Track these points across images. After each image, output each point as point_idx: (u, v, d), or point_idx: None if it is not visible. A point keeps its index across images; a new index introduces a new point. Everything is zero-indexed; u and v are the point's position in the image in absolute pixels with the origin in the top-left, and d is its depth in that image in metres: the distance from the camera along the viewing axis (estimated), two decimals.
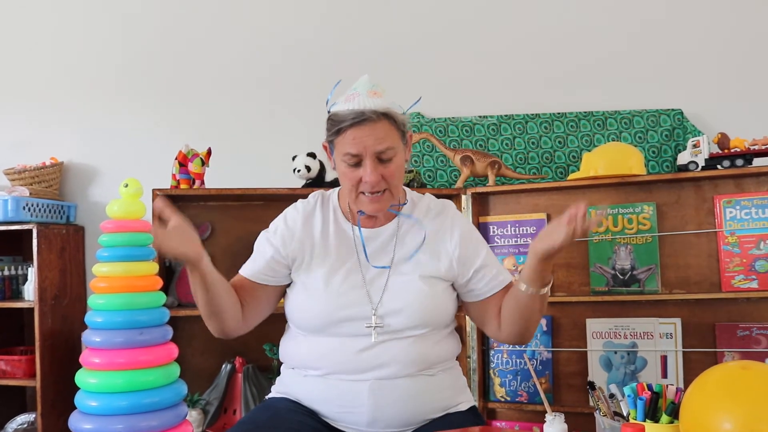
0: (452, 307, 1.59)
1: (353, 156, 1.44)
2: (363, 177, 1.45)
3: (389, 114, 1.46)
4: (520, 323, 1.52)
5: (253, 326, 1.60)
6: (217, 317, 1.49)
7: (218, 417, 2.47)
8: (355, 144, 1.43)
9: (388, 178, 1.47)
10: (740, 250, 2.28)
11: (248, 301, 1.55)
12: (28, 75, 3.08)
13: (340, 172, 1.51)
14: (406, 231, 1.57)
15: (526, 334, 1.56)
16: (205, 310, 1.49)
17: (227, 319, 1.50)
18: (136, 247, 1.21)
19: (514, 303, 1.51)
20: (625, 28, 2.78)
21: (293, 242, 1.55)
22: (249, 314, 1.56)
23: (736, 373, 0.98)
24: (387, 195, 1.49)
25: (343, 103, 1.45)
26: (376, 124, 1.43)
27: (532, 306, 1.48)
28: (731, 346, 2.28)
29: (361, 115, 1.41)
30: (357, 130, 1.42)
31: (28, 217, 2.61)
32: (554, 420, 1.15)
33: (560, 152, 2.74)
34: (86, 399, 1.14)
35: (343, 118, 1.43)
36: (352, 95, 1.44)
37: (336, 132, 1.46)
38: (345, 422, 1.47)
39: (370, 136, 1.43)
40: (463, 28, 2.89)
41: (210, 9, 3.02)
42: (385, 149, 1.44)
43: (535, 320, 1.53)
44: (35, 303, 2.56)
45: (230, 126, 2.96)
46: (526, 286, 1.45)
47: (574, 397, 2.47)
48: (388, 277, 1.51)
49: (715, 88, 2.69)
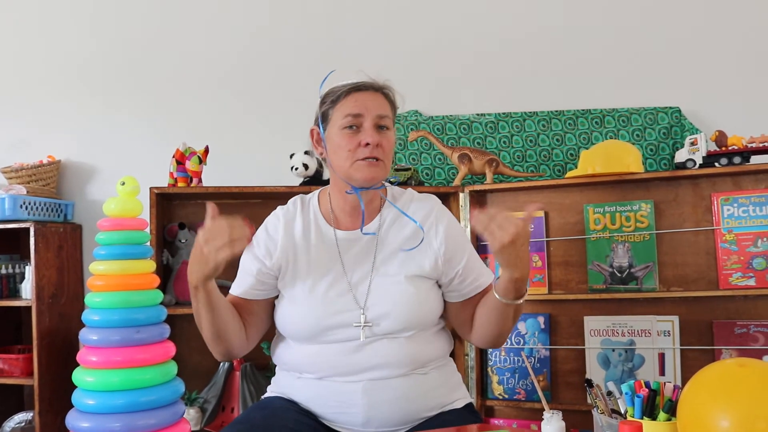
0: (438, 306, 1.56)
1: (355, 117, 1.45)
2: (363, 139, 1.44)
3: (386, 91, 1.52)
4: (493, 330, 1.51)
5: (256, 343, 1.58)
6: (223, 339, 1.47)
7: (216, 415, 2.47)
8: (357, 105, 1.45)
9: (384, 147, 1.47)
10: (738, 248, 2.29)
11: (246, 318, 1.53)
12: (25, 73, 3.07)
13: (335, 144, 1.47)
14: (387, 230, 1.54)
15: (499, 339, 1.54)
16: (211, 333, 1.46)
17: (233, 339, 1.49)
18: (133, 245, 1.20)
19: (488, 309, 1.49)
20: (622, 26, 2.78)
21: (277, 251, 1.52)
22: (250, 331, 1.54)
23: (733, 370, 0.98)
24: (382, 165, 1.47)
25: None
26: (376, 94, 1.49)
27: (506, 314, 1.46)
28: (729, 344, 2.28)
29: (361, 83, 1.47)
30: (359, 93, 1.47)
31: (26, 216, 2.60)
32: (552, 417, 1.14)
33: (558, 150, 2.74)
34: (83, 397, 1.14)
35: (343, 87, 1.48)
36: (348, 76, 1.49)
37: (335, 100, 1.47)
38: (340, 422, 1.47)
39: (372, 100, 1.47)
40: (461, 26, 2.89)
41: (207, 7, 3.01)
42: (384, 115, 1.48)
43: (508, 328, 1.51)
44: (33, 301, 2.56)
45: (228, 124, 2.95)
46: (500, 297, 1.43)
47: (572, 395, 2.47)
48: (371, 279, 1.49)
49: (713, 85, 2.69)
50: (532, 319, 2.51)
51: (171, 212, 2.71)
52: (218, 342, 1.48)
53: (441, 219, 1.55)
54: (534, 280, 2.51)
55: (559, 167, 2.73)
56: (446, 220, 1.56)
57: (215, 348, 1.51)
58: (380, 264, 1.50)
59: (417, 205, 1.57)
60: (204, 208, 2.78)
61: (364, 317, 1.45)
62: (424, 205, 1.57)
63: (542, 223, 2.52)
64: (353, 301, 1.47)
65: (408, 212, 1.55)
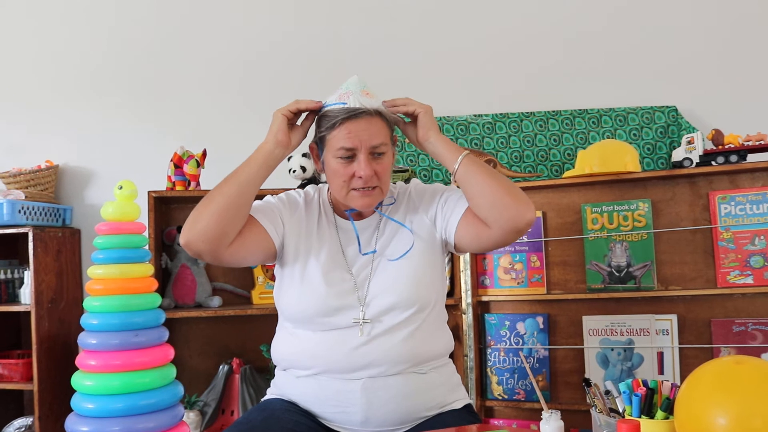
0: (438, 284, 1.57)
1: (348, 150, 1.45)
2: (357, 172, 1.46)
3: (382, 113, 1.49)
4: (483, 202, 1.44)
5: (229, 261, 1.50)
6: (231, 216, 1.43)
7: (216, 418, 2.47)
8: (351, 138, 1.44)
9: (380, 173, 1.48)
10: (735, 246, 2.29)
11: (241, 231, 1.49)
12: (22, 78, 3.07)
13: (331, 169, 1.50)
14: (386, 221, 1.58)
15: (504, 209, 1.42)
16: (226, 203, 1.44)
17: (233, 227, 1.45)
18: (132, 249, 1.21)
19: (465, 189, 1.48)
20: (618, 26, 2.78)
21: (294, 217, 1.58)
22: (235, 244, 1.47)
23: (730, 368, 0.99)
24: (377, 191, 1.50)
25: (335, 100, 1.48)
26: (371, 119, 1.46)
27: (474, 178, 1.44)
28: (727, 342, 2.28)
29: (356, 110, 1.44)
30: (352, 123, 1.45)
31: (24, 221, 2.60)
32: (550, 417, 1.15)
33: (555, 150, 2.74)
34: (82, 401, 1.14)
35: (338, 113, 1.46)
36: (345, 94, 1.47)
37: (330, 126, 1.47)
38: (339, 422, 1.48)
39: (366, 131, 1.45)
40: (458, 27, 2.90)
41: (205, 11, 3.02)
42: (379, 144, 1.47)
43: (493, 188, 1.43)
44: (32, 306, 2.56)
45: (225, 127, 2.95)
46: (450, 169, 1.47)
47: (571, 395, 2.48)
48: (372, 265, 1.52)
49: (709, 84, 2.69)
50: (531, 320, 2.52)
51: (169, 216, 2.71)
52: (220, 216, 1.42)
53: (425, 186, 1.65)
54: (533, 280, 2.52)
55: (557, 167, 2.73)
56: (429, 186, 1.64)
57: (217, 222, 1.43)
58: (381, 252, 1.54)
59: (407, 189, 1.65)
60: None
61: (363, 320, 1.46)
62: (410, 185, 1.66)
63: (540, 223, 2.53)
64: (353, 285, 1.50)
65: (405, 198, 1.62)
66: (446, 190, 1.59)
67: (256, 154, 1.52)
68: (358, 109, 1.44)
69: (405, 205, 1.60)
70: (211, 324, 2.69)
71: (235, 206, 1.45)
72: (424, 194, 1.61)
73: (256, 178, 1.49)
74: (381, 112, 1.48)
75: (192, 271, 2.61)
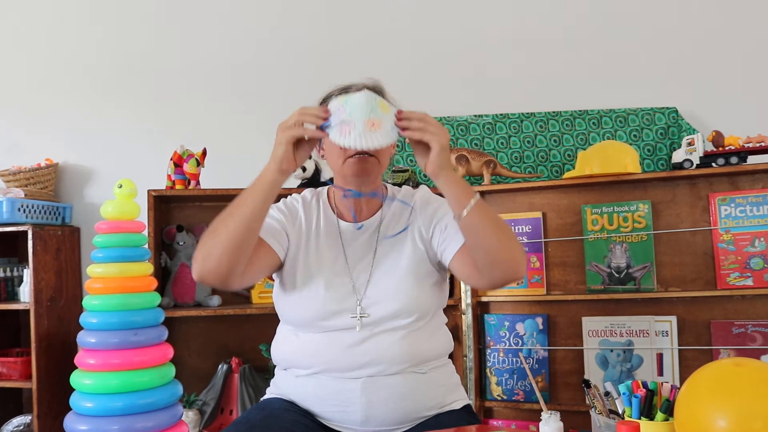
0: (438, 293, 1.57)
1: None
2: None
3: (378, 89, 1.50)
4: (481, 252, 1.41)
5: (239, 286, 1.48)
6: (241, 250, 1.40)
7: (215, 417, 2.46)
8: None
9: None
10: (735, 248, 2.29)
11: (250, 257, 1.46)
12: (22, 76, 3.07)
13: (329, 145, 1.48)
14: (387, 224, 1.57)
15: (498, 266, 1.40)
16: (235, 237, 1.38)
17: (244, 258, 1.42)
18: (131, 248, 1.21)
19: (467, 239, 1.42)
20: (619, 27, 2.78)
21: (295, 225, 1.57)
22: (245, 269, 1.45)
23: (730, 370, 0.99)
24: (373, 160, 1.48)
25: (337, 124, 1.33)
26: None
27: (477, 232, 1.38)
28: (727, 344, 2.28)
29: (349, 86, 1.47)
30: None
31: (24, 219, 2.60)
32: (550, 418, 1.15)
33: (555, 151, 2.74)
34: (81, 400, 1.14)
35: (335, 91, 1.49)
36: (348, 123, 1.32)
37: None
38: (338, 422, 1.48)
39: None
40: (458, 28, 2.90)
41: (205, 11, 3.01)
42: None
43: (494, 246, 1.38)
44: (31, 305, 2.56)
45: (225, 126, 2.95)
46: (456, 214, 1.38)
47: (570, 396, 2.48)
48: (371, 271, 1.51)
49: (710, 86, 2.69)
50: (531, 320, 2.52)
51: (169, 215, 2.71)
52: (232, 252, 1.39)
53: (432, 197, 1.61)
54: (532, 281, 2.52)
55: (557, 168, 2.73)
56: (435, 197, 1.61)
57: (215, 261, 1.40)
58: (380, 257, 1.53)
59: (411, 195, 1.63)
60: (202, 211, 2.81)
61: (360, 308, 1.47)
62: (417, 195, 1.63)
63: (540, 224, 2.52)
64: (353, 290, 1.49)
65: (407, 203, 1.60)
66: (449, 213, 1.52)
67: (260, 182, 1.39)
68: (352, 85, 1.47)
69: (410, 214, 1.60)
70: (211, 323, 2.69)
71: (243, 242, 1.40)
72: (428, 205, 1.58)
73: (261, 211, 1.41)
74: (378, 90, 1.49)
75: (191, 270, 2.61)
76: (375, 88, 1.51)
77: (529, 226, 2.52)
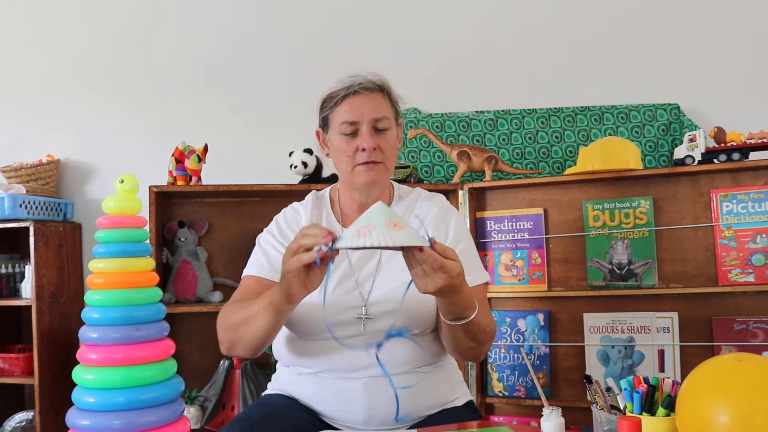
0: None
1: (350, 124, 1.46)
2: (360, 144, 1.46)
3: (384, 87, 1.50)
4: (447, 341, 1.45)
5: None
6: (264, 346, 1.41)
7: (217, 413, 2.47)
8: (353, 111, 1.46)
9: (383, 148, 1.48)
10: (737, 244, 2.29)
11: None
12: (24, 73, 3.07)
13: (336, 148, 1.50)
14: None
15: (455, 354, 1.48)
16: (262, 340, 1.38)
17: (272, 339, 1.43)
18: (133, 243, 1.20)
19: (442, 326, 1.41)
20: (621, 23, 2.78)
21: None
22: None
23: (732, 365, 0.98)
24: (381, 167, 1.49)
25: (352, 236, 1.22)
26: (372, 94, 1.48)
27: (457, 332, 1.37)
28: (728, 340, 2.28)
29: (359, 84, 1.46)
30: (354, 98, 1.46)
31: (25, 215, 2.60)
32: (551, 414, 1.14)
33: (557, 147, 2.74)
34: (83, 395, 1.14)
35: (339, 91, 1.47)
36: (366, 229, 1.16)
37: (333, 105, 1.48)
38: (341, 420, 1.47)
39: (367, 104, 1.46)
40: (460, 24, 2.89)
41: (205, 6, 3.01)
42: (381, 117, 1.47)
43: (461, 345, 1.41)
44: (33, 301, 2.56)
45: (227, 122, 2.95)
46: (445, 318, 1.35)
47: (572, 392, 2.48)
48: (375, 277, 1.49)
49: (712, 82, 2.69)
50: (532, 317, 2.52)
51: (170, 211, 2.71)
52: (250, 348, 1.41)
53: (449, 217, 1.57)
54: (534, 277, 2.52)
55: (558, 164, 2.73)
56: (454, 218, 1.58)
57: (241, 351, 1.42)
58: (385, 262, 1.50)
59: (424, 203, 1.59)
60: (203, 207, 2.81)
61: (366, 315, 1.45)
62: (431, 204, 1.58)
63: (541, 221, 2.52)
64: (359, 299, 1.47)
65: (415, 211, 1.57)
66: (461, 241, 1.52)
67: (270, 309, 1.30)
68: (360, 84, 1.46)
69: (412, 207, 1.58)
70: (212, 319, 2.66)
71: (267, 338, 1.38)
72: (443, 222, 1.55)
73: (276, 326, 1.35)
74: (383, 86, 1.50)
75: (193, 266, 2.61)
76: (380, 83, 1.50)
77: (531, 223, 2.52)
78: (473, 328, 1.35)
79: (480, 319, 1.36)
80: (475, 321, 1.34)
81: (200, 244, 2.68)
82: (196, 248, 2.65)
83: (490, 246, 2.57)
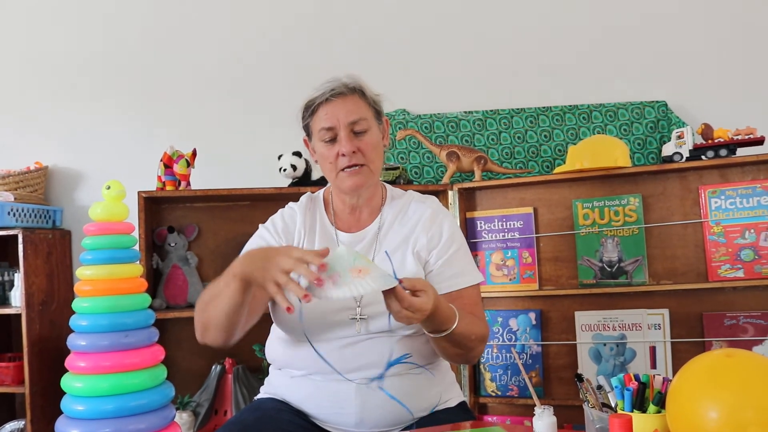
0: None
1: (328, 130, 1.47)
2: (339, 150, 1.47)
3: (358, 89, 1.51)
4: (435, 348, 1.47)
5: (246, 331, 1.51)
6: (233, 327, 1.42)
7: (209, 418, 2.46)
8: (329, 118, 1.47)
9: (364, 150, 1.48)
10: (726, 240, 2.30)
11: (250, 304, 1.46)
12: (9, 79, 3.05)
13: (320, 155, 1.52)
14: (386, 231, 1.55)
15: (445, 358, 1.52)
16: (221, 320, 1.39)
17: (239, 329, 1.44)
18: (120, 249, 1.20)
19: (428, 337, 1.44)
20: (608, 22, 2.79)
21: (294, 240, 1.55)
22: (247, 321, 1.48)
23: (721, 361, 0.99)
24: (365, 170, 1.49)
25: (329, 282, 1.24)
26: (346, 98, 1.48)
27: (438, 341, 1.40)
28: (719, 335, 2.29)
29: (331, 91, 1.47)
30: (329, 105, 1.48)
31: (14, 223, 2.58)
32: (543, 413, 1.15)
33: (546, 146, 2.75)
34: (73, 403, 1.13)
35: (315, 98, 1.49)
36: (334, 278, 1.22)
37: (311, 114, 1.50)
38: (333, 423, 1.47)
39: (342, 108, 1.47)
40: (448, 24, 2.90)
41: (191, 10, 3.00)
42: (357, 120, 1.48)
43: (447, 352, 1.44)
44: (22, 309, 2.54)
45: (215, 126, 2.95)
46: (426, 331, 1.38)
47: (564, 390, 2.48)
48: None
49: (699, 79, 2.71)
50: (524, 316, 2.52)
51: (160, 216, 2.70)
52: (226, 330, 1.42)
53: (442, 219, 1.56)
54: (525, 276, 2.52)
55: (548, 163, 2.74)
56: (447, 220, 1.58)
57: (218, 333, 1.43)
58: (378, 263, 1.50)
59: (417, 206, 1.59)
60: (192, 212, 2.80)
61: (360, 316, 1.44)
62: (424, 206, 1.58)
63: (531, 220, 2.53)
64: (352, 300, 1.46)
65: (408, 213, 1.57)
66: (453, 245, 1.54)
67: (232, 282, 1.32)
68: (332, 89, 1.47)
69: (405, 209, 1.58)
70: None
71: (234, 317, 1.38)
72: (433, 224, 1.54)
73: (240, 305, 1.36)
74: (357, 88, 1.50)
75: (183, 271, 2.60)
76: (354, 85, 1.50)
77: (521, 222, 2.53)
78: (456, 338, 1.38)
79: (463, 328, 1.38)
80: (456, 331, 1.36)
81: (190, 249, 2.67)
82: (186, 253, 2.64)
83: (480, 246, 2.57)
